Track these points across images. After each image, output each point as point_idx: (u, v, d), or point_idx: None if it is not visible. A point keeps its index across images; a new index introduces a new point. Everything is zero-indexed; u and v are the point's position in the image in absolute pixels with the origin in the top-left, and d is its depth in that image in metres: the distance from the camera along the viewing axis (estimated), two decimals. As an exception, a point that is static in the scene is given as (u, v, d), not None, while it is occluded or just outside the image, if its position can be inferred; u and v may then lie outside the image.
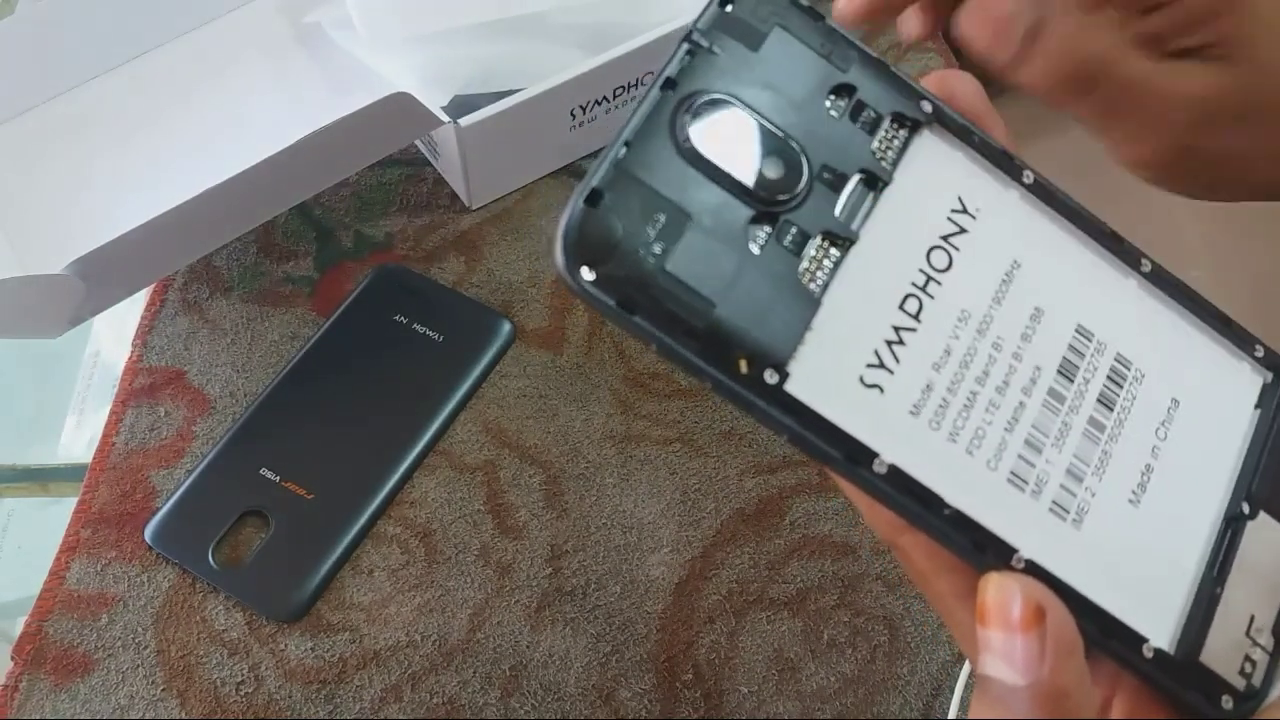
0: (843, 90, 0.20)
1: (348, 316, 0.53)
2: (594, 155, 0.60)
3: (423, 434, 0.49)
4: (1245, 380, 0.22)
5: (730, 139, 0.19)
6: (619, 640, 0.45)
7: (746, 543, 0.47)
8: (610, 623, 0.45)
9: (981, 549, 0.19)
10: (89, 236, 0.44)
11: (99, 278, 0.45)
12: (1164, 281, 0.22)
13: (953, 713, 0.42)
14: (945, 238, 0.20)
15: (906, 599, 0.46)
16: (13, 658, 0.44)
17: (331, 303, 0.54)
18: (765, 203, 0.19)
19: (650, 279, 0.18)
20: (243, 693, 0.43)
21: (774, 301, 0.19)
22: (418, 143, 0.59)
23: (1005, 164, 0.21)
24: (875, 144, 0.20)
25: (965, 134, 0.21)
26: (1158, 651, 0.20)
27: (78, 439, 0.53)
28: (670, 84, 0.19)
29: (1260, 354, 0.23)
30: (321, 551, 0.46)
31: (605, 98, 0.57)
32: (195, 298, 0.54)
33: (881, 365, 0.19)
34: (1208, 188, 0.29)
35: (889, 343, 0.20)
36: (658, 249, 0.18)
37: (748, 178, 0.19)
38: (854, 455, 0.19)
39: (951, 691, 0.43)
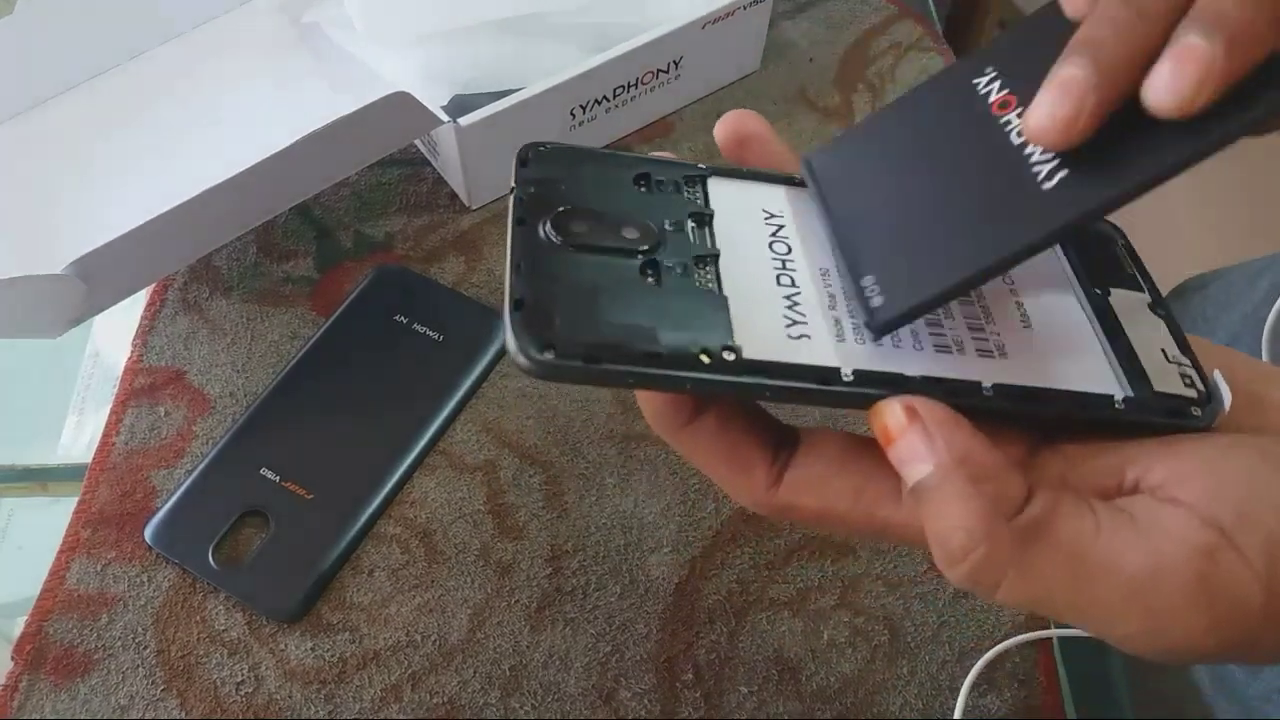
0: (640, 178, 0.27)
1: (348, 316, 0.53)
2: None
3: (423, 434, 0.49)
4: None
5: (589, 227, 0.25)
6: (619, 640, 0.45)
7: (747, 543, 0.47)
8: (610, 623, 0.45)
9: (955, 393, 0.24)
10: (88, 236, 0.44)
11: (99, 278, 0.45)
12: None
13: (957, 713, 0.42)
14: (774, 234, 0.27)
15: (907, 599, 0.46)
16: (13, 658, 0.44)
17: (331, 303, 0.54)
18: (639, 254, 0.25)
19: (599, 333, 0.23)
20: (243, 693, 0.43)
21: (695, 309, 0.24)
22: (417, 142, 0.59)
23: (774, 178, 0.28)
24: (685, 197, 0.27)
25: (737, 173, 0.28)
26: (1126, 398, 0.24)
27: (78, 439, 0.53)
28: (520, 221, 0.25)
29: None
30: (321, 551, 0.46)
31: (605, 97, 0.57)
32: (195, 298, 0.54)
33: (795, 323, 0.25)
34: None
35: (789, 308, 0.25)
36: (589, 313, 0.23)
37: (618, 243, 0.25)
38: (824, 377, 0.23)
39: (953, 692, 0.43)
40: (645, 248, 0.25)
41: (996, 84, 0.25)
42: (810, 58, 0.66)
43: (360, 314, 0.53)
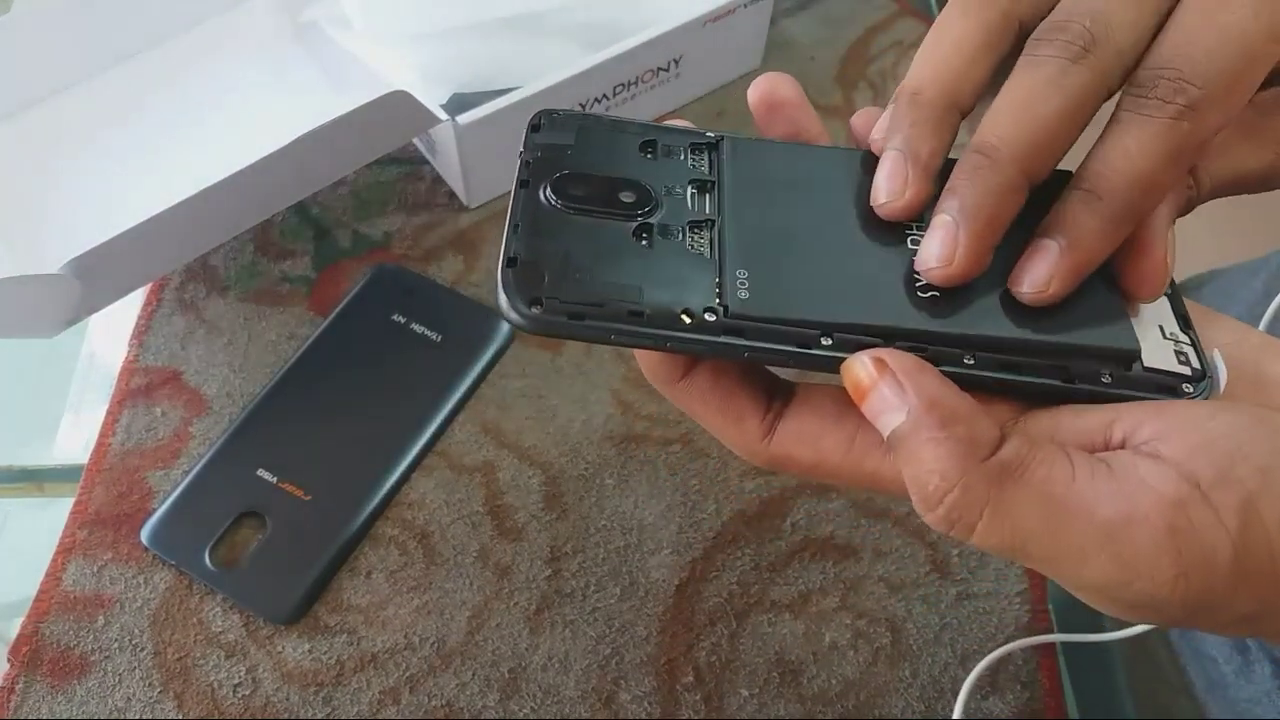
0: (647, 144, 0.28)
1: (345, 316, 0.52)
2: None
3: (421, 434, 0.49)
4: None
5: (586, 191, 0.26)
6: (619, 643, 0.44)
7: (747, 544, 0.47)
8: (610, 625, 0.45)
9: (936, 362, 0.24)
10: (85, 236, 0.43)
11: (95, 277, 0.45)
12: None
13: (956, 713, 0.42)
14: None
15: (909, 601, 0.45)
16: (9, 660, 0.43)
17: (329, 302, 0.53)
18: (635, 217, 0.26)
19: (585, 291, 0.24)
20: (240, 695, 0.43)
21: (683, 272, 0.25)
22: (416, 141, 0.59)
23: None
24: (689, 164, 0.27)
25: (745, 141, 0.28)
26: (1112, 374, 0.24)
27: (74, 439, 0.52)
28: (524, 184, 0.26)
29: None
30: (319, 553, 0.45)
31: (605, 95, 0.57)
32: (192, 297, 0.54)
33: None
34: None
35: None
36: (578, 272, 0.24)
37: (613, 206, 0.26)
38: (803, 341, 0.24)
39: (955, 695, 0.43)
40: (641, 212, 0.26)
41: None
42: (811, 56, 0.66)
43: (358, 314, 0.53)
